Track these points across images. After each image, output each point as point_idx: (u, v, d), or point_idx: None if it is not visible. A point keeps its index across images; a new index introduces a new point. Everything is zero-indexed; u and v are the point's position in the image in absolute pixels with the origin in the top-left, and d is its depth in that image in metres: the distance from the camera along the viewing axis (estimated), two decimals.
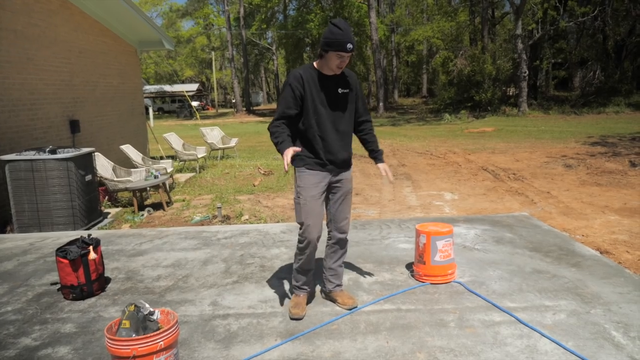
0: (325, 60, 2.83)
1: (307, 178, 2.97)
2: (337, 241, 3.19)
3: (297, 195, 2.99)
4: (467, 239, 4.56)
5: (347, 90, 2.97)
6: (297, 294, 3.15)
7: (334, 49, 2.75)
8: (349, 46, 2.72)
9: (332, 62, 2.81)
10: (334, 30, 2.74)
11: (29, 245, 4.86)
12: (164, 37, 11.30)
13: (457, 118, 23.83)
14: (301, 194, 2.95)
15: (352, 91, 3.01)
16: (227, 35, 43.13)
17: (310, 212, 2.93)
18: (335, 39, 2.73)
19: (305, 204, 2.93)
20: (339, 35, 2.72)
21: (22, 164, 5.48)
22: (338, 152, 3.00)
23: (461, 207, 6.74)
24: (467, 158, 11.30)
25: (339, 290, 3.25)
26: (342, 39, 2.72)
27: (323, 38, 2.78)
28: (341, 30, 2.73)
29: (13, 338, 2.91)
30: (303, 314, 3.01)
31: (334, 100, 2.94)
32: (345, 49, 2.73)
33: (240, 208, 6.69)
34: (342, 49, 2.74)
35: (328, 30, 2.77)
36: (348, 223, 3.18)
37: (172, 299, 3.41)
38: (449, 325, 2.91)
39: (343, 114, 2.99)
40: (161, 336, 2.11)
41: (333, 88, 2.93)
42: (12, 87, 6.60)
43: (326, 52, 2.79)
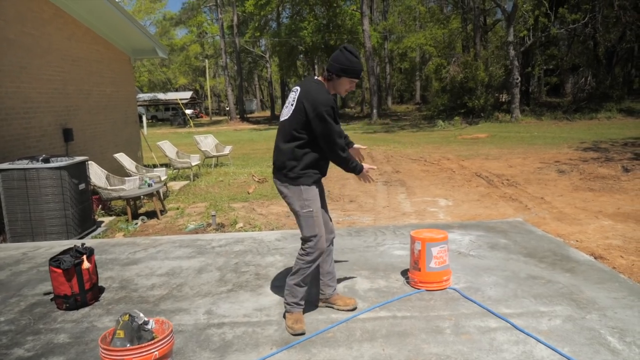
0: (336, 83, 2.95)
1: (314, 192, 3.02)
2: (331, 243, 3.27)
3: (307, 210, 2.98)
4: (462, 245, 4.57)
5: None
6: (292, 312, 3.04)
7: (349, 76, 2.91)
8: (361, 74, 2.97)
9: (343, 86, 2.96)
10: (350, 58, 2.88)
11: (22, 255, 4.82)
12: (158, 46, 11.30)
13: (450, 124, 23.96)
14: (312, 207, 2.98)
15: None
16: (221, 43, 43.25)
17: (321, 224, 3.01)
18: (353, 67, 2.89)
19: (317, 216, 2.99)
20: (356, 63, 2.89)
21: (15, 173, 5.45)
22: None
23: (455, 213, 6.76)
24: (461, 164, 11.35)
25: (336, 294, 3.29)
26: (358, 67, 2.90)
27: (338, 64, 2.88)
28: (357, 58, 2.90)
29: (6, 349, 2.87)
30: (304, 327, 2.97)
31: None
32: (359, 77, 2.95)
33: (235, 216, 6.67)
34: (357, 77, 2.94)
35: (344, 57, 2.88)
36: (332, 225, 3.33)
37: (166, 308, 3.39)
38: (445, 331, 2.90)
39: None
40: (156, 346, 2.10)
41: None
42: (6, 95, 6.57)
43: (339, 77, 2.91)
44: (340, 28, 35.42)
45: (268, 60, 48.04)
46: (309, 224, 2.97)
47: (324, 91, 2.91)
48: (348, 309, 3.19)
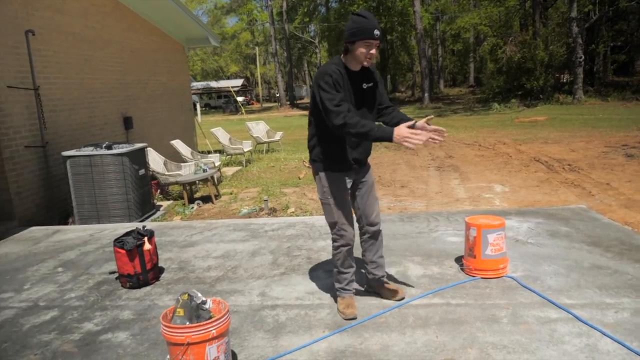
0: (352, 53, 2.68)
1: (333, 179, 2.89)
2: (372, 235, 3.11)
3: (324, 197, 2.92)
4: (519, 232, 4.40)
5: (371, 84, 2.86)
6: (343, 296, 3.04)
7: (361, 38, 2.60)
8: (376, 32, 2.58)
9: (360, 53, 2.66)
10: (357, 19, 2.62)
11: (89, 236, 5.12)
12: (210, 34, 11.54)
13: (506, 107, 23.01)
14: (330, 195, 2.89)
15: (376, 85, 2.90)
16: (271, 30, 43.53)
17: (344, 214, 2.92)
18: (362, 26, 2.59)
19: (335, 204, 2.90)
20: (364, 22, 2.59)
21: (82, 159, 5.77)
22: (364, 151, 2.95)
23: (512, 199, 6.52)
24: (518, 149, 10.89)
25: (384, 283, 3.22)
26: (368, 25, 2.59)
27: (347, 30, 2.66)
28: (365, 18, 2.61)
29: (77, 323, 3.08)
30: (356, 312, 2.96)
31: (360, 96, 2.83)
32: (373, 36, 2.59)
33: (286, 201, 6.76)
34: (370, 36, 2.59)
35: (351, 20, 2.66)
36: (378, 215, 3.10)
37: (222, 289, 3.50)
38: (502, 321, 2.82)
39: (369, 110, 2.87)
40: (213, 325, 2.17)
41: (359, 84, 2.80)
42: (72, 86, 6.95)
43: (353, 43, 2.64)
44: (390, 10, 34.70)
45: (317, 45, 47.90)
46: (327, 211, 2.95)
47: (328, 63, 2.75)
48: (395, 300, 3.12)
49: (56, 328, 3.02)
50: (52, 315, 3.22)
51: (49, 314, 3.23)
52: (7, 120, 5.71)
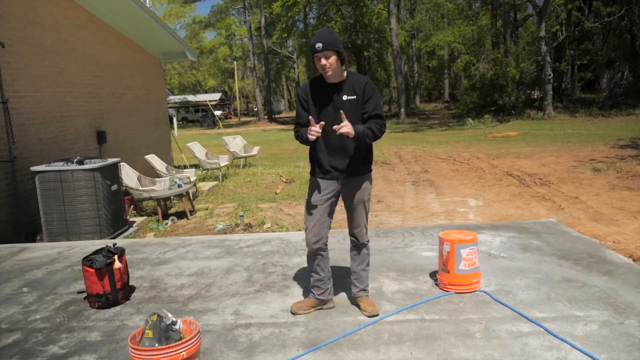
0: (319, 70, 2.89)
1: (314, 185, 3.09)
2: (354, 246, 3.26)
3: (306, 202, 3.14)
4: (492, 246, 4.47)
5: (353, 96, 2.92)
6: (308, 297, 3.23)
7: (311, 53, 2.85)
8: (317, 46, 2.76)
9: (317, 66, 2.86)
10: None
11: (57, 254, 4.97)
12: (187, 49, 11.49)
13: (480, 123, 23.51)
14: (308, 198, 3.12)
15: (358, 97, 2.93)
16: (249, 45, 43.68)
17: (311, 219, 3.03)
18: (310, 44, 2.84)
19: (306, 208, 3.08)
20: (311, 40, 2.83)
21: (51, 174, 5.63)
22: (342, 160, 3.00)
23: (486, 213, 6.62)
24: (492, 163, 11.11)
25: (362, 296, 3.26)
26: (312, 42, 2.81)
27: None
28: (314, 35, 2.85)
29: (41, 346, 2.96)
30: (300, 312, 3.17)
31: (339, 107, 2.89)
32: (315, 49, 2.78)
33: (263, 216, 6.71)
34: (313, 51, 2.80)
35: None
36: (361, 232, 3.17)
37: (195, 308, 3.43)
38: (475, 335, 2.84)
39: (350, 119, 2.87)
40: (183, 346, 2.12)
41: (338, 95, 2.92)
42: (43, 100, 6.80)
43: (313, 60, 2.88)
44: (367, 27, 35.24)
45: (295, 60, 48.27)
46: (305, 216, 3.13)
47: (310, 78, 3.09)
48: (365, 315, 3.12)
49: (19, 352, 2.90)
50: (15, 338, 3.09)
51: (11, 337, 3.10)
52: None
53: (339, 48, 2.80)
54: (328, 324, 3.07)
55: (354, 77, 2.98)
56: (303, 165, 12.22)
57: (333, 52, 2.78)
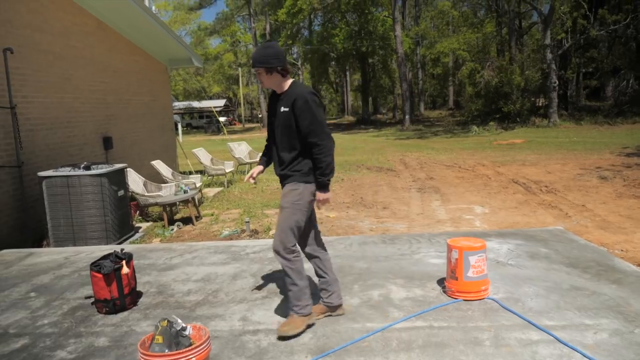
0: None
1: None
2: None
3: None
4: (500, 254, 4.45)
5: (287, 109, 2.97)
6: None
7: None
8: (253, 63, 2.97)
9: None
10: None
11: (64, 259, 4.98)
12: (193, 55, 11.56)
13: (485, 130, 23.48)
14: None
15: (290, 110, 2.95)
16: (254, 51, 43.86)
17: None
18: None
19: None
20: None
21: (58, 179, 5.65)
22: (277, 167, 3.15)
23: (492, 220, 6.59)
24: (497, 170, 11.08)
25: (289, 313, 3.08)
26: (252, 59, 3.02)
27: None
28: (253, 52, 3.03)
29: (49, 351, 2.97)
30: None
31: (277, 117, 3.04)
32: (253, 65, 2.99)
33: (268, 222, 6.71)
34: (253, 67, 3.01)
35: None
36: (276, 237, 3.05)
37: (202, 314, 3.43)
38: (484, 343, 2.82)
39: (282, 131, 3.02)
40: (193, 352, 2.11)
41: (278, 106, 3.04)
42: (51, 105, 6.85)
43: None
44: (371, 34, 35.38)
45: (300, 67, 48.44)
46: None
47: None
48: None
49: (27, 357, 2.91)
50: (23, 343, 3.09)
51: (19, 342, 3.11)
52: None
53: (266, 64, 2.92)
54: (336, 330, 3.05)
55: (291, 89, 3.01)
56: None
57: (262, 68, 2.94)
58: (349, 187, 9.80)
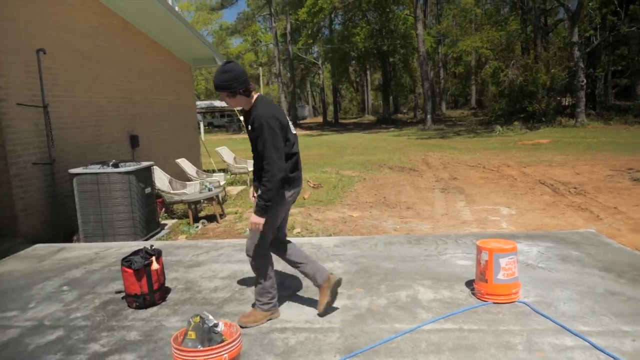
0: None
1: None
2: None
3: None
4: (529, 256, 4.36)
5: (250, 127, 3.07)
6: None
7: None
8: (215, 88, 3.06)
9: None
10: None
11: (94, 254, 5.08)
12: (216, 54, 11.67)
13: (509, 130, 23.09)
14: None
15: (253, 130, 3.03)
16: (275, 51, 44.09)
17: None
18: None
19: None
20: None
21: (88, 177, 5.77)
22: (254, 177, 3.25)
23: (519, 222, 6.48)
24: (523, 171, 10.88)
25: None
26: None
27: None
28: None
29: (83, 343, 3.03)
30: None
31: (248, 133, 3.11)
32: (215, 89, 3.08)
33: (292, 221, 6.72)
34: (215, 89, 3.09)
35: None
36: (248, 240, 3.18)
37: (230, 311, 3.45)
38: (517, 347, 2.76)
39: (252, 146, 3.11)
40: (226, 348, 2.13)
41: (247, 123, 3.11)
42: (80, 105, 6.99)
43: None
44: (393, 33, 35.15)
45: (320, 67, 48.46)
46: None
47: None
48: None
49: (62, 349, 2.97)
50: (58, 335, 3.16)
51: (54, 334, 3.18)
52: (16, 137, 5.72)
53: (228, 89, 3.00)
54: (364, 330, 3.04)
55: (254, 109, 3.06)
56: (330, 170, 12.22)
57: (223, 91, 3.03)
58: (372, 186, 9.76)
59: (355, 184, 10.09)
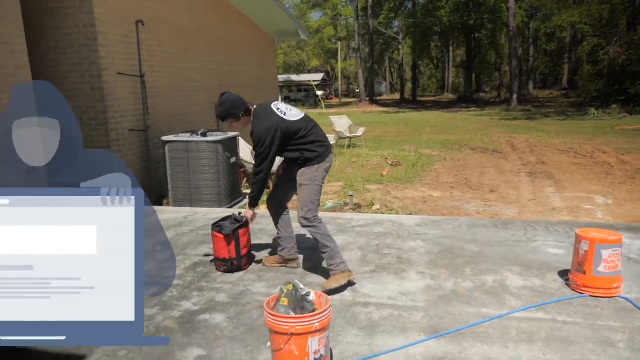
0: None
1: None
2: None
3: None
4: (631, 250, 4.01)
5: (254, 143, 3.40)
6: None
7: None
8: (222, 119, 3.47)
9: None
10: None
11: (184, 219, 5.38)
12: (300, 28, 11.71)
13: (605, 113, 21.21)
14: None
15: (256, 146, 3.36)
16: (355, 25, 43.51)
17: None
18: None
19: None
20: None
21: (179, 144, 6.08)
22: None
23: (617, 213, 5.98)
24: (621, 159, 9.99)
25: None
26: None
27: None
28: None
29: (177, 301, 3.23)
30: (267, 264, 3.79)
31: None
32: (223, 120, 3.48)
33: (371, 197, 6.68)
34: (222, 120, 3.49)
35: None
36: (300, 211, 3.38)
37: (312, 281, 3.51)
38: (618, 345, 2.57)
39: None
40: (317, 318, 2.16)
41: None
42: (173, 75, 7.35)
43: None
44: (481, 7, 33.26)
45: (401, 42, 47.16)
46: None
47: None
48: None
49: (158, 304, 3.19)
50: (154, 290, 3.40)
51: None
52: (116, 105, 6.14)
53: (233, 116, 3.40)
54: (449, 312, 2.97)
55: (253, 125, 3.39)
56: (408, 148, 11.97)
57: (230, 120, 3.41)
58: (452, 166, 9.44)
59: (435, 163, 9.82)
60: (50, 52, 5.86)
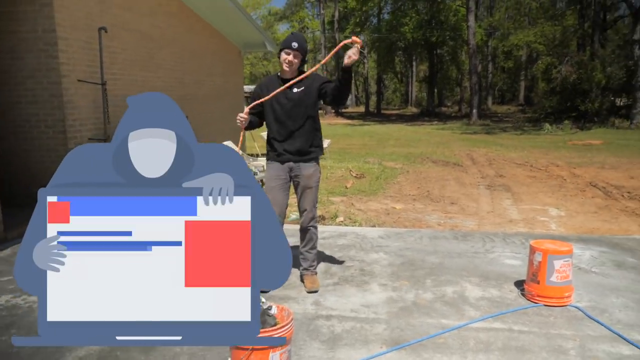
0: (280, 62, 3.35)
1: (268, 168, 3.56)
2: (302, 229, 3.60)
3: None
4: (582, 260, 4.20)
5: (302, 88, 3.34)
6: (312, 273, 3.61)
7: (281, 48, 3.32)
8: (293, 44, 3.27)
9: (281, 60, 3.32)
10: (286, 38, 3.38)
11: None
12: (267, 39, 11.74)
13: (558, 129, 22.22)
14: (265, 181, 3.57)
15: (307, 88, 3.35)
16: (321, 38, 43.94)
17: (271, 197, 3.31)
18: (283, 41, 3.35)
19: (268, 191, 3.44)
20: (287, 38, 3.35)
21: None
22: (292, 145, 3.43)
23: (570, 225, 6.24)
24: (573, 172, 10.47)
25: (307, 274, 3.59)
26: (288, 37, 3.34)
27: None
28: (292, 34, 3.38)
29: None
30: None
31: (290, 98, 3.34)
32: (290, 45, 3.27)
33: (335, 209, 6.73)
34: (286, 45, 3.29)
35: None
36: (307, 214, 3.53)
37: (275, 295, 3.49)
38: (569, 353, 2.68)
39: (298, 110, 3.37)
40: (279, 332, 2.15)
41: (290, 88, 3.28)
42: (135, 83, 7.20)
43: (279, 56, 3.36)
44: (442, 24, 34.35)
45: (366, 56, 47.94)
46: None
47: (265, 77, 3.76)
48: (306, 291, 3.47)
49: None
50: None
51: None
52: (75, 112, 5.96)
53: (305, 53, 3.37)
54: (410, 324, 3.02)
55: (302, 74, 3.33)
56: (372, 161, 12.14)
57: (301, 54, 3.32)
58: (415, 179, 9.63)
59: (398, 175, 9.99)
60: (5, 56, 5.64)
